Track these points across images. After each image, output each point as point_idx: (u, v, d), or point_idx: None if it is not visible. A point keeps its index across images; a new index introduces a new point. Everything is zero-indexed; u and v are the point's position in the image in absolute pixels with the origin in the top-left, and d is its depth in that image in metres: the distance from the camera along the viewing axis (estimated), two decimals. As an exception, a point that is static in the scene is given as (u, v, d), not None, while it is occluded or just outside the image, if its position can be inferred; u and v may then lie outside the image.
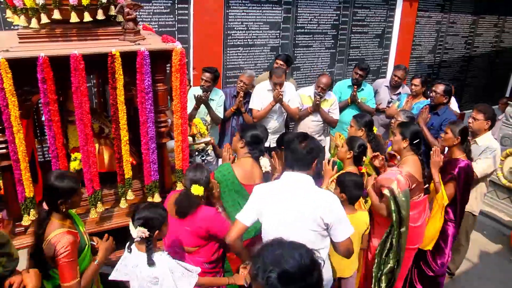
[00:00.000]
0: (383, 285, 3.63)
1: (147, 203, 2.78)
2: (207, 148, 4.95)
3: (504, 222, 5.68)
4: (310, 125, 5.37)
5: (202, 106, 4.88)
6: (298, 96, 5.43)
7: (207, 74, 4.91)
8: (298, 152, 2.68)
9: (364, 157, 3.75)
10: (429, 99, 5.18)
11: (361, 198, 3.50)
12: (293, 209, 2.64)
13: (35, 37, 2.88)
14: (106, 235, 3.01)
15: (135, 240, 2.62)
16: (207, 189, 3.03)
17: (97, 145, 3.45)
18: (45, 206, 2.72)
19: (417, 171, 3.57)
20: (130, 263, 2.66)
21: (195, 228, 2.98)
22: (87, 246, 2.81)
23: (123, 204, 3.30)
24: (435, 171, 3.83)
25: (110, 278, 2.73)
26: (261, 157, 3.53)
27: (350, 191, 3.26)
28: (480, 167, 4.20)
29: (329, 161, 3.74)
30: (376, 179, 3.65)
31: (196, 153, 4.91)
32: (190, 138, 4.56)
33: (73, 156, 3.38)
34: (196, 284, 2.71)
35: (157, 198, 3.38)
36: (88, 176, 3.08)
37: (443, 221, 3.91)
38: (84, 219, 3.28)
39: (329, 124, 5.46)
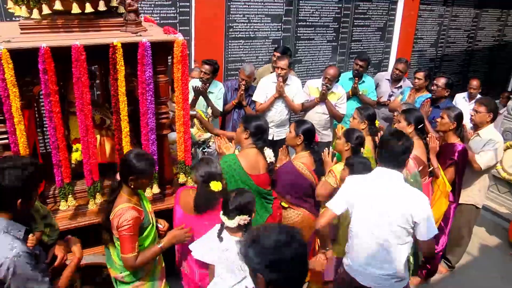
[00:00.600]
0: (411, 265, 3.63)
1: (235, 191, 2.84)
2: (208, 141, 4.96)
3: (505, 216, 5.67)
4: (314, 117, 5.35)
5: (201, 99, 4.88)
6: (304, 91, 5.43)
7: (207, 66, 4.91)
8: (395, 151, 2.78)
9: (362, 149, 3.75)
10: (431, 90, 5.18)
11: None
12: (384, 204, 2.76)
13: (36, 28, 2.88)
14: (162, 222, 3.08)
15: (229, 227, 2.73)
16: (221, 181, 3.05)
17: (98, 137, 3.46)
18: (117, 177, 2.80)
19: (423, 154, 3.70)
20: (219, 248, 2.74)
21: (215, 222, 2.97)
22: (151, 225, 2.86)
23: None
24: (433, 157, 3.88)
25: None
26: (265, 147, 3.54)
27: (359, 173, 3.27)
28: (483, 160, 4.20)
29: (328, 152, 3.76)
30: None
31: (198, 146, 4.92)
32: (194, 130, 4.58)
33: (74, 147, 3.39)
34: None
35: (155, 189, 3.39)
36: (87, 167, 3.09)
37: None
38: (83, 210, 3.30)
39: (334, 118, 5.43)
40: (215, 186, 2.98)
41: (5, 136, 2.85)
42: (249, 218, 2.73)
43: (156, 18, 5.31)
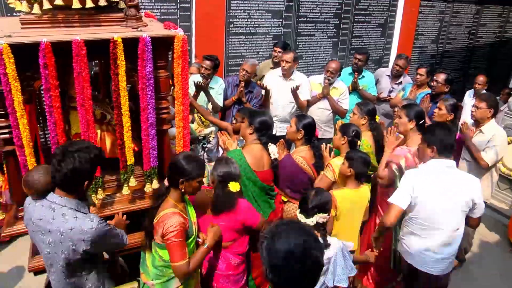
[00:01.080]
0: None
1: (314, 190, 2.87)
2: (209, 136, 4.97)
3: (505, 213, 5.69)
4: (316, 113, 5.37)
5: (202, 95, 4.89)
6: (309, 88, 5.45)
7: (207, 62, 4.92)
8: (449, 141, 3.04)
9: (358, 142, 3.77)
10: (430, 87, 5.19)
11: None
12: (448, 193, 3.03)
13: (37, 23, 2.88)
14: (202, 235, 2.97)
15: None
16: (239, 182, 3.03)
17: (99, 132, 3.46)
18: (166, 182, 2.81)
19: None
20: None
21: (232, 222, 3.02)
22: (193, 236, 2.82)
23: (125, 190, 3.32)
24: None
25: None
26: (269, 143, 3.56)
27: (358, 167, 3.33)
28: (489, 156, 4.22)
29: (326, 147, 3.77)
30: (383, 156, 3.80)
31: (198, 141, 4.94)
32: (194, 126, 4.59)
33: (75, 142, 3.39)
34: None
35: (155, 185, 3.40)
36: (89, 161, 3.09)
37: None
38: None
39: (337, 113, 5.44)
40: (234, 187, 2.95)
41: (7, 130, 2.86)
42: (328, 216, 2.78)
43: (157, 14, 5.32)
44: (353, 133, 3.71)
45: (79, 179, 2.29)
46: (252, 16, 6.14)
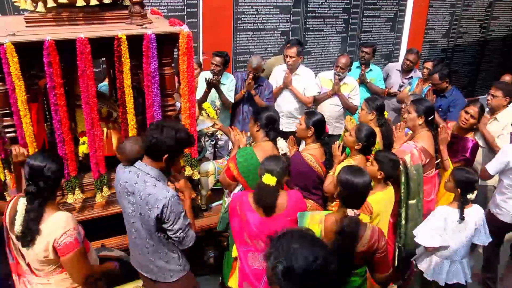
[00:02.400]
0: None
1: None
2: (217, 133, 4.94)
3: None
4: (327, 109, 5.33)
5: (213, 92, 4.87)
6: (316, 83, 5.41)
7: (218, 58, 4.90)
8: None
9: (372, 148, 3.71)
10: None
11: None
12: None
13: (41, 21, 2.88)
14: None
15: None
16: (280, 181, 2.87)
17: (105, 130, 3.46)
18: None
19: (430, 147, 3.69)
20: (453, 230, 3.22)
21: (288, 222, 2.88)
22: None
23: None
24: (443, 148, 3.87)
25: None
26: (278, 138, 3.51)
27: (388, 170, 3.28)
28: (504, 143, 4.23)
29: (339, 145, 3.70)
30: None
31: (206, 138, 4.91)
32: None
33: (81, 140, 3.40)
34: None
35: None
36: (94, 160, 3.10)
37: None
38: (90, 203, 3.31)
39: (348, 110, 5.40)
40: (267, 179, 2.78)
41: (13, 129, 2.87)
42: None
43: (164, 11, 5.30)
44: (370, 141, 3.61)
45: (161, 150, 2.52)
46: (260, 12, 6.10)
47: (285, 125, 5.32)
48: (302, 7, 6.39)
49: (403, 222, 3.61)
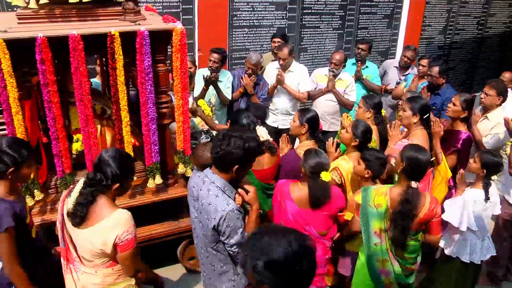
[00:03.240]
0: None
1: None
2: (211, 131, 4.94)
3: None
4: (323, 105, 5.33)
5: (210, 89, 4.86)
6: (311, 79, 5.40)
7: (215, 55, 4.87)
8: None
9: (368, 144, 3.70)
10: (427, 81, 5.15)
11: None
12: None
13: (34, 17, 2.87)
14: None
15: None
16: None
17: (99, 127, 3.46)
18: None
19: (425, 145, 3.63)
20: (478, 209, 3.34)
21: (332, 211, 3.10)
22: None
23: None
24: (436, 142, 3.84)
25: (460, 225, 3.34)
26: (257, 127, 3.47)
27: (376, 169, 3.27)
28: (491, 142, 4.25)
29: (333, 142, 3.70)
30: (385, 150, 3.73)
31: (202, 134, 4.90)
32: (197, 120, 4.56)
33: (75, 137, 3.40)
34: None
35: (158, 180, 3.38)
36: (89, 157, 3.09)
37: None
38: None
39: (345, 106, 5.40)
40: (326, 176, 2.97)
41: (3, 127, 2.86)
42: None
43: (159, 8, 5.28)
44: (366, 137, 3.60)
45: (229, 162, 2.40)
46: (255, 9, 6.07)
47: (281, 122, 5.33)
48: (298, 4, 6.37)
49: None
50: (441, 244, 3.51)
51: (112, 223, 2.38)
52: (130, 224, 2.44)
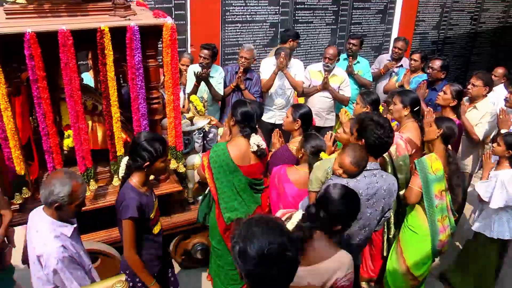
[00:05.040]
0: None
1: None
2: (204, 126, 4.92)
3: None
4: (318, 101, 5.35)
5: (202, 85, 4.84)
6: (305, 76, 5.41)
7: (205, 51, 4.86)
8: None
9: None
10: (426, 74, 5.15)
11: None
12: None
13: (22, 12, 2.84)
14: None
15: None
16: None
17: (90, 123, 3.43)
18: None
19: (417, 137, 3.69)
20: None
21: None
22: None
23: (115, 181, 3.30)
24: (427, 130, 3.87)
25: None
26: (253, 134, 3.41)
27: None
28: (481, 131, 4.36)
29: (331, 136, 3.67)
30: None
31: (196, 131, 4.89)
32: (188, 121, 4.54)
33: (66, 133, 3.37)
34: None
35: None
36: (80, 153, 3.07)
37: None
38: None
39: (341, 102, 5.41)
40: (325, 156, 3.18)
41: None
42: None
43: (151, 3, 5.25)
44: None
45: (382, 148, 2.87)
46: (248, 4, 6.06)
47: (278, 117, 5.32)
48: (291, -1, 6.37)
49: (392, 213, 3.62)
50: (476, 227, 3.79)
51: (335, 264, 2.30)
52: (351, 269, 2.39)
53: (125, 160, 2.76)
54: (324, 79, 5.17)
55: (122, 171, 2.81)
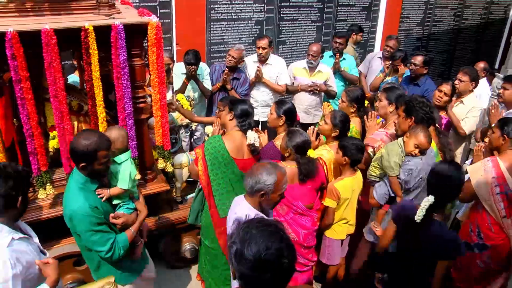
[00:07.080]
0: None
1: None
2: (191, 124, 4.91)
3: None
4: (305, 98, 5.40)
5: (191, 82, 4.83)
6: (288, 75, 5.43)
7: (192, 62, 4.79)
8: None
9: (347, 132, 3.71)
10: (409, 70, 5.18)
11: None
12: None
13: (3, 11, 2.79)
14: None
15: None
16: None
17: (76, 123, 3.39)
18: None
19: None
20: None
21: (316, 183, 3.27)
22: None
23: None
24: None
25: None
26: (249, 130, 3.46)
27: (353, 154, 3.28)
28: (468, 125, 4.44)
29: (313, 131, 3.68)
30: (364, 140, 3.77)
31: (181, 129, 4.87)
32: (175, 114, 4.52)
33: (51, 134, 3.33)
34: None
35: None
36: (65, 154, 3.03)
37: None
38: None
39: (329, 97, 5.57)
40: (311, 153, 3.20)
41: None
42: None
43: (135, 1, 5.19)
44: (345, 124, 3.61)
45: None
46: (233, 2, 6.03)
47: (261, 114, 5.32)
48: (276, -4, 6.36)
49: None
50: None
51: None
52: None
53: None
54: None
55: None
